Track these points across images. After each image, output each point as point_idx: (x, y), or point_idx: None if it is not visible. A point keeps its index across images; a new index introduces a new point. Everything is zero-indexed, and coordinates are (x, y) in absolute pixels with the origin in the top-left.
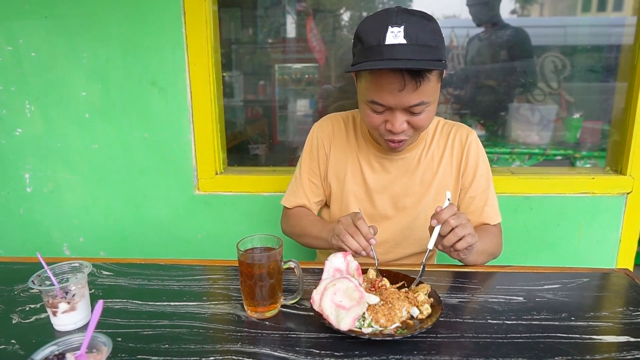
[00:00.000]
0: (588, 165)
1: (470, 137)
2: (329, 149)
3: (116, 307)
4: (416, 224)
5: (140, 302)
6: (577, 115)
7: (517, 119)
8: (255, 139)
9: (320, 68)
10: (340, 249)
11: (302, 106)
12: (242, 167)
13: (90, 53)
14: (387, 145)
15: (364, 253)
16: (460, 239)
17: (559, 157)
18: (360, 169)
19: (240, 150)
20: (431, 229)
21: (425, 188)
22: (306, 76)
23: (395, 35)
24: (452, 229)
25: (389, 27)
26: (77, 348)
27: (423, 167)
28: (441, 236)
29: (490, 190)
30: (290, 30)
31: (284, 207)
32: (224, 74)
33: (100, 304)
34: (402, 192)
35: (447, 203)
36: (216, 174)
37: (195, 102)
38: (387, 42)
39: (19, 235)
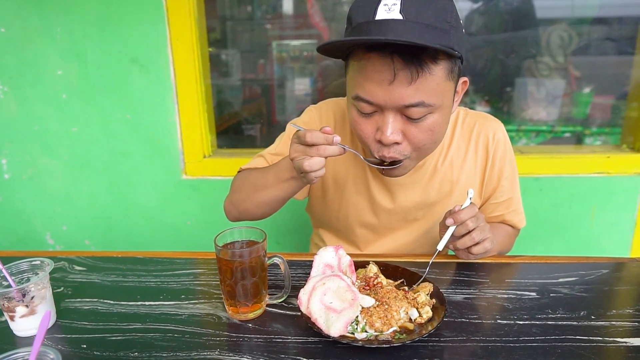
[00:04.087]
0: (598, 142)
1: (497, 136)
2: None
3: (85, 307)
4: (427, 236)
5: (112, 302)
6: (586, 90)
7: (523, 94)
8: (252, 120)
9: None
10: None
11: (301, 84)
12: (231, 150)
13: (65, 28)
14: (378, 163)
15: (339, 153)
16: (476, 244)
17: (567, 134)
18: (364, 177)
19: (237, 131)
20: (443, 227)
21: (441, 199)
22: (305, 53)
23: (388, 9)
24: (469, 231)
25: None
26: None
27: (440, 175)
28: (454, 237)
29: (514, 195)
30: (288, 6)
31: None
32: (210, 49)
33: (47, 315)
34: (413, 205)
35: (467, 202)
36: (204, 157)
37: (180, 80)
38: (377, 18)
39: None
